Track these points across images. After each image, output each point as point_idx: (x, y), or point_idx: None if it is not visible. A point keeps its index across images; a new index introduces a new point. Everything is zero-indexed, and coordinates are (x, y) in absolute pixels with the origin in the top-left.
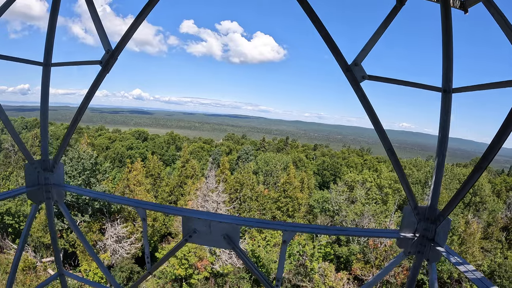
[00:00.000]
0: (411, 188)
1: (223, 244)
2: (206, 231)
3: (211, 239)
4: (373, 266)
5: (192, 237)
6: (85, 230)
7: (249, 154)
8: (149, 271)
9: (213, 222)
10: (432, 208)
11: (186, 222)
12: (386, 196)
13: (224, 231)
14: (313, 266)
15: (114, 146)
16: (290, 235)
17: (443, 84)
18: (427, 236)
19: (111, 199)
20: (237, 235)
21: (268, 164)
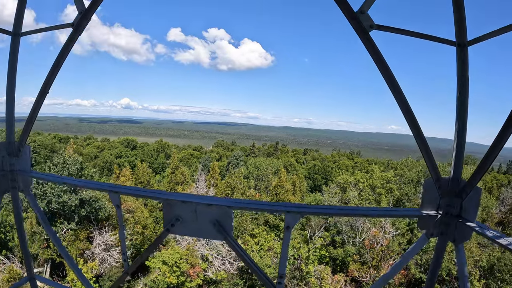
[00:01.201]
0: (432, 155)
1: (213, 233)
2: (191, 217)
3: (198, 227)
4: (370, 267)
5: (175, 226)
6: (71, 239)
7: (239, 160)
8: (127, 271)
9: (200, 206)
10: (455, 179)
11: (167, 208)
12: (379, 196)
13: (213, 216)
14: (309, 270)
15: (103, 155)
16: (294, 218)
17: (456, 38)
18: (452, 213)
19: (80, 184)
20: (230, 221)
21: (259, 169)
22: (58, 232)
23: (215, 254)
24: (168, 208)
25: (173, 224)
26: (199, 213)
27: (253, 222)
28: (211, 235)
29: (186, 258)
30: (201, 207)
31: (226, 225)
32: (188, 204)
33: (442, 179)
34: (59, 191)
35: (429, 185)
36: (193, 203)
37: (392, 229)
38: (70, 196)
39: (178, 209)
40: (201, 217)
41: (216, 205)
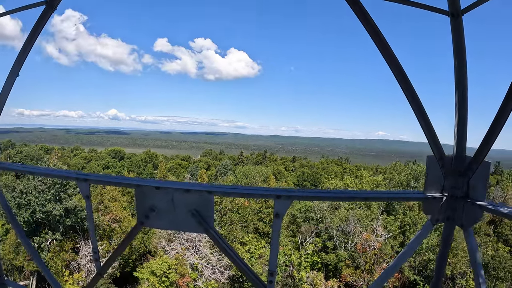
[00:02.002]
0: (434, 130)
1: (192, 224)
2: (167, 207)
3: (175, 219)
4: (364, 271)
5: (150, 218)
6: (57, 249)
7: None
8: (99, 271)
9: (177, 194)
10: (459, 157)
11: (140, 197)
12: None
13: (192, 205)
14: (301, 276)
15: (90, 166)
16: (284, 205)
17: (449, 7)
18: (457, 195)
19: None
20: (210, 209)
21: (248, 177)
22: (42, 243)
23: (205, 263)
24: (141, 197)
25: (147, 215)
26: (176, 201)
27: (243, 230)
28: (191, 227)
29: (175, 268)
30: (179, 195)
31: (207, 215)
32: (163, 191)
33: (446, 158)
34: (43, 200)
35: (432, 163)
36: (169, 190)
37: (384, 232)
38: (54, 205)
39: (152, 197)
40: (179, 206)
41: (195, 190)
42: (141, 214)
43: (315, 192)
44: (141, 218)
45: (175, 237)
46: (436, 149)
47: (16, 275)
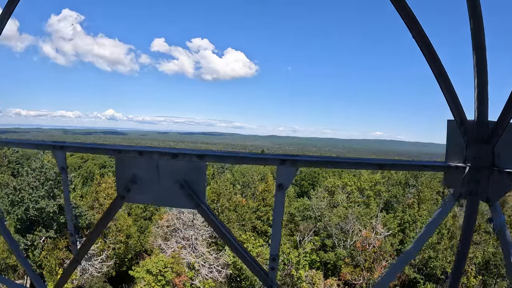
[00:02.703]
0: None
1: (180, 198)
2: (152, 178)
3: (160, 192)
4: (363, 270)
5: (131, 192)
6: (50, 247)
7: (224, 168)
8: (76, 257)
9: (163, 160)
10: (481, 123)
11: (120, 167)
12: (368, 199)
13: (180, 174)
14: (300, 275)
15: (87, 165)
16: (289, 173)
17: None
18: (481, 165)
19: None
20: (202, 180)
21: (245, 176)
22: (35, 241)
23: (202, 262)
24: (121, 167)
25: (129, 188)
26: (162, 170)
27: (241, 229)
28: (179, 201)
29: (171, 267)
30: (164, 162)
31: (198, 187)
32: (146, 157)
33: (467, 123)
34: (36, 196)
35: (453, 129)
36: (153, 156)
37: (383, 229)
38: (47, 202)
39: (134, 166)
40: (165, 176)
41: (184, 155)
42: (122, 187)
43: (324, 158)
44: (121, 191)
45: (171, 235)
46: (457, 112)
47: (10, 274)
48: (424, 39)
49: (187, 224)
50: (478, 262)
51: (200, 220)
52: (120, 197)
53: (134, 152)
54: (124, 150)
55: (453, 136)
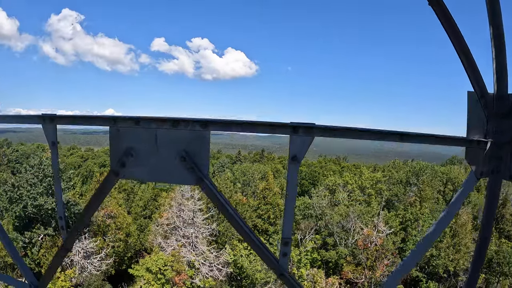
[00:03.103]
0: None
1: (181, 173)
2: (149, 150)
3: (158, 166)
4: (365, 268)
5: (127, 166)
6: (49, 245)
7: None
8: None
9: (162, 130)
10: (501, 96)
11: (115, 139)
12: (369, 197)
13: (181, 145)
14: (301, 273)
15: (87, 164)
16: (303, 142)
17: None
18: (503, 140)
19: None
20: (205, 151)
21: (246, 175)
22: (34, 238)
23: (202, 260)
24: (116, 139)
25: (124, 162)
26: (161, 141)
27: None
28: (179, 176)
29: (171, 265)
30: (164, 132)
31: (201, 159)
32: (144, 126)
33: (488, 96)
34: (34, 193)
35: (474, 102)
36: (152, 124)
37: (385, 228)
38: (46, 199)
39: (130, 138)
40: (164, 147)
41: (185, 123)
42: (116, 161)
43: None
44: (115, 167)
45: (171, 233)
46: (477, 84)
47: (9, 273)
48: (442, 7)
49: (187, 222)
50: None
51: (200, 219)
52: (113, 173)
53: (130, 121)
54: (119, 119)
55: (474, 109)
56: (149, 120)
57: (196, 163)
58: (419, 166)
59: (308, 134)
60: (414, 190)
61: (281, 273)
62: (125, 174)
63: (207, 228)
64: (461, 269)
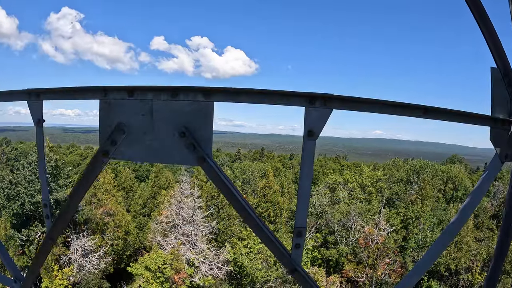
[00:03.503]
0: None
1: (181, 151)
2: (144, 125)
3: (154, 143)
4: (366, 266)
5: (118, 145)
6: None
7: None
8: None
9: (159, 102)
10: None
11: (105, 113)
12: (370, 195)
13: (180, 119)
14: None
15: (85, 162)
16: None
17: None
18: None
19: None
20: (208, 126)
21: (246, 173)
22: (31, 236)
23: (201, 259)
24: (106, 113)
25: (114, 140)
26: (157, 114)
27: (241, 225)
28: (178, 155)
29: (170, 263)
30: (161, 104)
31: (203, 135)
32: (139, 97)
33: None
34: (32, 190)
35: (497, 79)
36: (147, 95)
37: (387, 226)
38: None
39: (123, 112)
40: (161, 122)
41: (186, 92)
42: (105, 139)
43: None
44: (105, 145)
45: (170, 231)
46: (500, 61)
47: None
48: None
49: (187, 220)
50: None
51: (200, 217)
52: (102, 153)
53: (123, 91)
54: (111, 90)
55: (497, 86)
56: (145, 90)
57: (197, 140)
58: (420, 165)
59: (326, 106)
60: (415, 188)
61: (294, 268)
62: (115, 154)
63: (207, 226)
64: (462, 267)
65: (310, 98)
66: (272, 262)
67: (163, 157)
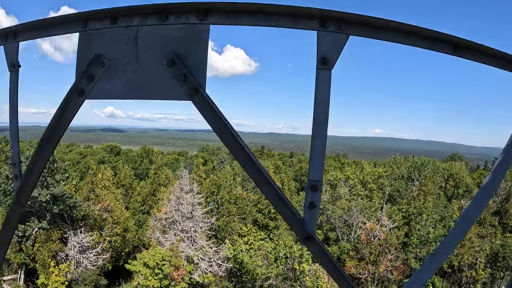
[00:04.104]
0: None
1: (168, 82)
2: (126, 55)
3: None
4: (368, 263)
5: (96, 81)
6: (43, 239)
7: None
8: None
9: (145, 28)
10: None
11: (84, 44)
12: (371, 192)
13: (169, 45)
14: (303, 268)
15: (85, 161)
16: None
17: None
18: None
19: None
20: (202, 50)
21: None
22: (27, 231)
23: (201, 255)
24: (85, 45)
25: (92, 75)
26: (142, 41)
27: (241, 222)
28: (166, 87)
29: (169, 260)
30: (147, 30)
31: (195, 62)
32: (122, 24)
33: None
34: None
35: None
36: (132, 21)
37: (389, 221)
38: (40, 191)
39: (103, 42)
40: (147, 51)
41: (177, 15)
42: (81, 74)
43: (388, 21)
44: (80, 83)
45: (169, 228)
46: None
47: (4, 269)
48: None
49: (186, 216)
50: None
51: (199, 213)
52: (77, 92)
53: (105, 19)
54: (91, 18)
55: None
56: (129, 16)
57: (189, 68)
58: (421, 161)
59: (342, 30)
60: (416, 185)
61: (308, 234)
62: (93, 92)
63: (206, 223)
64: (465, 264)
65: (321, 19)
66: (273, 259)
67: (148, 92)
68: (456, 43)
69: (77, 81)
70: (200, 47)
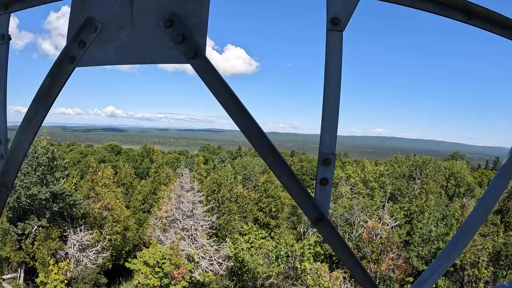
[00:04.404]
0: None
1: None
2: (120, 17)
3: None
4: (370, 261)
5: (87, 46)
6: (42, 237)
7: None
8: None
9: None
10: None
11: (76, 9)
12: (372, 190)
13: (166, 5)
14: (304, 267)
15: (86, 160)
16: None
17: None
18: None
19: None
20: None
21: (246, 168)
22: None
23: (201, 254)
24: (77, 10)
25: (83, 41)
26: (138, 4)
27: (242, 220)
28: (162, 52)
29: (169, 258)
30: None
31: (195, 22)
32: None
33: None
34: (28, 182)
35: None
36: None
37: (391, 220)
38: (40, 188)
39: (96, 4)
40: (142, 12)
41: None
42: (72, 40)
43: None
44: (71, 49)
45: (170, 226)
46: None
47: (4, 267)
48: None
49: (187, 214)
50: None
51: (200, 211)
52: (68, 59)
53: None
54: None
55: None
56: None
57: (188, 28)
58: (422, 160)
59: None
60: (418, 183)
61: (320, 215)
62: (84, 59)
63: (207, 221)
64: (467, 262)
65: None
66: (274, 257)
67: (144, 55)
68: (469, 11)
69: (68, 46)
70: (201, 5)
